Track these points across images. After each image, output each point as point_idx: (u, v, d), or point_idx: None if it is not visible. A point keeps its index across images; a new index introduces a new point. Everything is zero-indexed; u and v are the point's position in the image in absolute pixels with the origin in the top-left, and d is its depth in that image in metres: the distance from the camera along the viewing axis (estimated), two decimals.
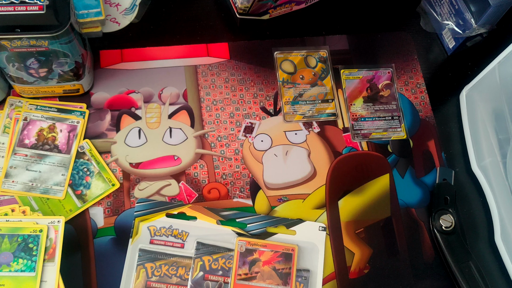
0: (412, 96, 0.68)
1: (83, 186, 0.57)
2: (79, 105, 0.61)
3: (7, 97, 0.60)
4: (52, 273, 0.50)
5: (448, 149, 0.65)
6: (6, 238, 0.50)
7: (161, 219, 0.56)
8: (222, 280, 0.53)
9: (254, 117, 0.64)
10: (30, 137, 0.58)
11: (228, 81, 0.65)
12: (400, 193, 0.62)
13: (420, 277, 0.58)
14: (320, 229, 0.57)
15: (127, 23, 0.64)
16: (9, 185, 0.56)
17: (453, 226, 0.59)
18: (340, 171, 0.62)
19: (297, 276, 0.54)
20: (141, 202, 0.56)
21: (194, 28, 0.69)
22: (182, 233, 0.55)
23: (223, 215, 0.56)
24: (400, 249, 0.59)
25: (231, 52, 0.67)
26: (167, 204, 0.57)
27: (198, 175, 0.60)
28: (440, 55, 0.72)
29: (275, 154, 0.62)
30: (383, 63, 0.69)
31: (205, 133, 0.62)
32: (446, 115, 0.68)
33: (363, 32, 0.71)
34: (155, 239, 0.55)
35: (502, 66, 0.58)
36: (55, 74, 0.56)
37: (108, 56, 0.65)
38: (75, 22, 0.54)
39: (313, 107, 0.65)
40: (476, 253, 0.59)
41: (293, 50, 0.68)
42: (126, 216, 0.57)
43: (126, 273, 0.53)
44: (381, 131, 0.65)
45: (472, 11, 0.65)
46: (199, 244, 0.54)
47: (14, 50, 0.51)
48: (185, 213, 0.56)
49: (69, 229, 0.55)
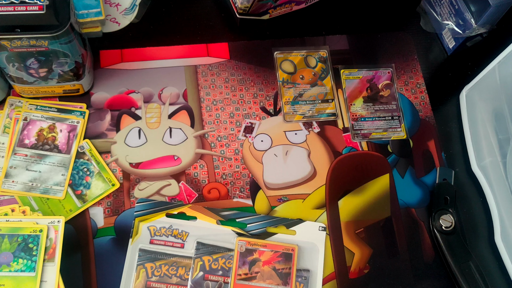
0: (412, 96, 0.68)
1: (83, 186, 0.57)
2: (79, 105, 0.61)
3: (7, 97, 0.60)
4: (52, 273, 0.50)
5: (448, 149, 0.65)
6: (6, 238, 0.50)
7: (161, 219, 0.56)
8: (222, 280, 0.53)
9: (254, 117, 0.64)
10: (30, 137, 0.58)
11: (228, 81, 0.65)
12: (400, 193, 0.61)
13: (420, 277, 0.58)
14: (320, 229, 0.57)
15: (127, 23, 0.64)
16: (9, 185, 0.56)
17: (453, 226, 0.59)
18: (340, 171, 0.62)
19: (297, 276, 0.54)
20: (141, 202, 0.56)
21: (194, 28, 0.69)
22: (182, 233, 0.55)
23: (223, 215, 0.56)
24: (400, 249, 0.59)
25: (231, 52, 0.67)
26: (167, 204, 0.57)
27: (198, 175, 0.60)
28: (440, 55, 0.72)
29: (275, 154, 0.62)
30: (383, 63, 0.69)
31: (205, 133, 0.62)
32: (446, 115, 0.68)
33: (363, 32, 0.71)
34: (155, 239, 0.55)
35: (502, 66, 0.58)
36: (55, 74, 0.56)
37: (108, 56, 0.65)
38: (75, 22, 0.54)
39: (313, 107, 0.65)
40: (476, 253, 0.59)
41: (293, 50, 0.68)
42: (126, 216, 0.57)
43: (126, 273, 0.53)
44: (381, 131, 0.65)
45: (472, 11, 0.65)
46: (199, 244, 0.54)
47: (14, 50, 0.51)
48: (185, 213, 0.56)
49: (69, 229, 0.55)
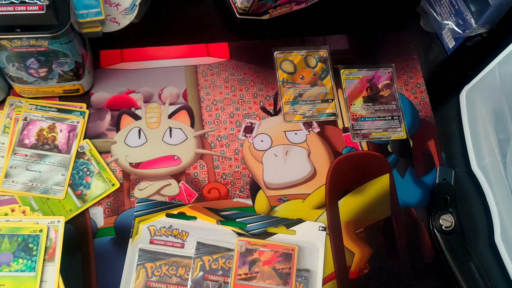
0: (412, 96, 0.68)
1: (83, 186, 0.57)
2: (79, 105, 0.61)
3: (7, 97, 0.60)
4: (52, 273, 0.50)
5: (448, 149, 0.65)
6: (6, 238, 0.50)
7: (161, 219, 0.56)
8: (222, 280, 0.53)
9: (254, 117, 0.64)
10: (30, 137, 0.58)
11: (228, 81, 0.65)
12: (400, 193, 0.61)
13: (420, 277, 0.58)
14: (320, 229, 0.57)
15: (127, 23, 0.64)
16: (9, 185, 0.56)
17: (453, 226, 0.59)
18: (340, 171, 0.62)
19: (297, 276, 0.54)
20: (141, 202, 0.56)
21: (194, 28, 0.69)
22: (182, 233, 0.55)
23: (223, 215, 0.56)
24: (400, 249, 0.59)
25: (231, 52, 0.67)
26: (167, 204, 0.57)
27: (198, 175, 0.60)
28: (440, 55, 0.72)
29: (275, 154, 0.62)
30: (383, 63, 0.69)
31: (205, 133, 0.62)
32: (446, 115, 0.68)
33: (363, 32, 0.71)
34: (155, 239, 0.55)
35: (502, 66, 0.58)
36: (55, 74, 0.56)
37: (108, 56, 0.65)
38: (75, 22, 0.54)
39: (313, 107, 0.65)
40: (476, 253, 0.59)
41: (293, 50, 0.68)
42: (126, 216, 0.57)
43: (126, 273, 0.53)
44: (381, 131, 0.65)
45: (472, 11, 0.65)
46: (199, 244, 0.54)
47: (14, 50, 0.51)
48: (185, 213, 0.56)
49: (69, 229, 0.55)
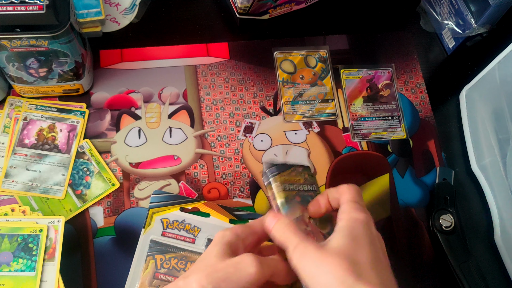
0: (412, 96, 0.68)
1: (83, 186, 0.57)
2: (79, 104, 0.61)
3: (7, 97, 0.60)
4: (52, 273, 0.50)
5: (448, 149, 0.65)
6: (6, 238, 0.50)
7: (174, 213, 0.55)
8: None
9: (254, 117, 0.64)
10: (30, 137, 0.58)
11: (228, 81, 0.65)
12: (400, 193, 0.61)
13: (420, 277, 0.58)
14: None
15: (127, 23, 0.64)
16: (9, 185, 0.56)
17: (453, 226, 0.59)
18: (340, 170, 0.62)
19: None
20: (157, 194, 0.56)
21: (194, 28, 0.69)
22: (194, 228, 0.55)
23: (237, 214, 0.56)
24: (400, 249, 0.59)
25: (231, 52, 0.67)
26: (182, 198, 0.57)
27: (198, 175, 0.60)
28: (440, 55, 0.72)
29: (275, 154, 0.62)
30: (383, 63, 0.69)
31: (205, 133, 0.62)
32: (446, 115, 0.68)
33: (363, 32, 0.71)
34: (167, 232, 0.55)
35: (502, 66, 0.58)
36: (55, 74, 0.56)
37: (108, 56, 0.65)
38: (75, 22, 0.54)
39: (313, 107, 0.65)
40: (476, 253, 0.59)
41: (293, 50, 0.68)
42: (126, 216, 0.57)
43: (135, 262, 0.53)
44: (381, 131, 0.65)
45: (472, 11, 0.65)
46: (210, 241, 0.54)
47: (14, 50, 0.51)
48: (199, 209, 0.56)
49: (69, 229, 0.55)
